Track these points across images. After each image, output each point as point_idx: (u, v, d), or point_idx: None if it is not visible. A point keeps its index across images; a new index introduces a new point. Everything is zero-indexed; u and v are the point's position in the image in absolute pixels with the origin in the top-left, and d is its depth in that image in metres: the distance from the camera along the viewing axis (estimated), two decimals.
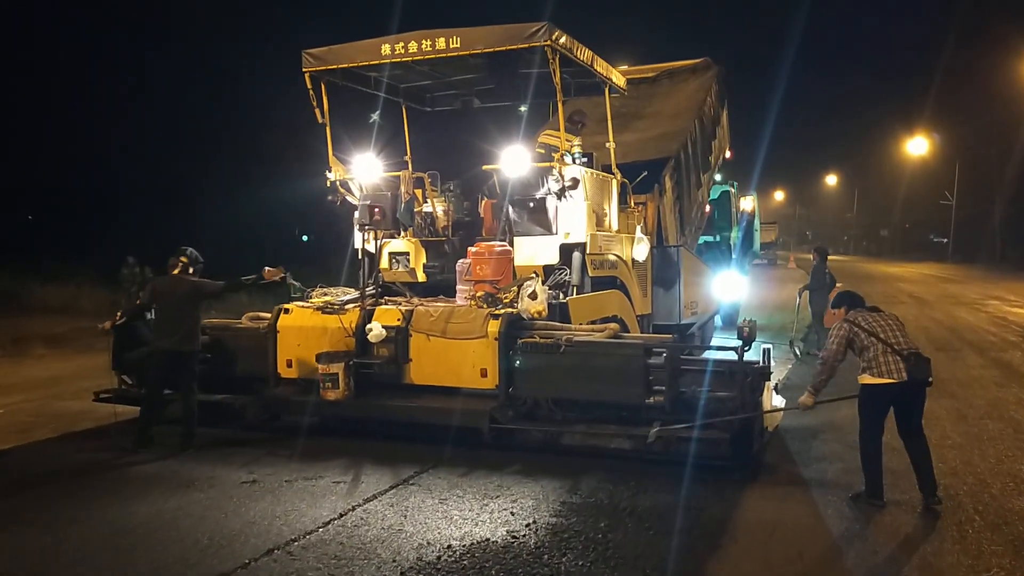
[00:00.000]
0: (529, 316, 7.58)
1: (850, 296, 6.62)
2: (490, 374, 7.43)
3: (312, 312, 8.21)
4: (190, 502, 6.03)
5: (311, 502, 6.01)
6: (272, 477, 6.62)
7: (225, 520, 5.64)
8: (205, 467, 6.90)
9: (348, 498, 6.09)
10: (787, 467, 6.96)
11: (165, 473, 6.77)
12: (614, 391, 7.11)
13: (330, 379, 7.53)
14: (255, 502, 6.00)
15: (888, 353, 5.93)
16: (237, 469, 6.82)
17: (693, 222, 13.35)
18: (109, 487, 6.43)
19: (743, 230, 20.04)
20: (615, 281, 9.56)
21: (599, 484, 6.40)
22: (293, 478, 6.59)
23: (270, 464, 6.99)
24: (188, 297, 7.66)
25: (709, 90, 14.34)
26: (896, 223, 75.37)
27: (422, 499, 6.07)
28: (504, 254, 8.27)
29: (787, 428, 7.91)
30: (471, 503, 5.98)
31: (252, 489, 6.32)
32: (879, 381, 5.93)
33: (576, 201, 8.65)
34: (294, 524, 5.55)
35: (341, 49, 8.85)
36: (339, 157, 9.34)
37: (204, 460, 7.13)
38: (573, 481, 6.47)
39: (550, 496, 6.12)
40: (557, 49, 8.13)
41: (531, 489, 6.27)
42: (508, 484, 6.40)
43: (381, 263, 9.50)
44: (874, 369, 5.95)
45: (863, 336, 6.06)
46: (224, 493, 6.23)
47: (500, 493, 6.20)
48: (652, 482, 6.44)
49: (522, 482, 6.45)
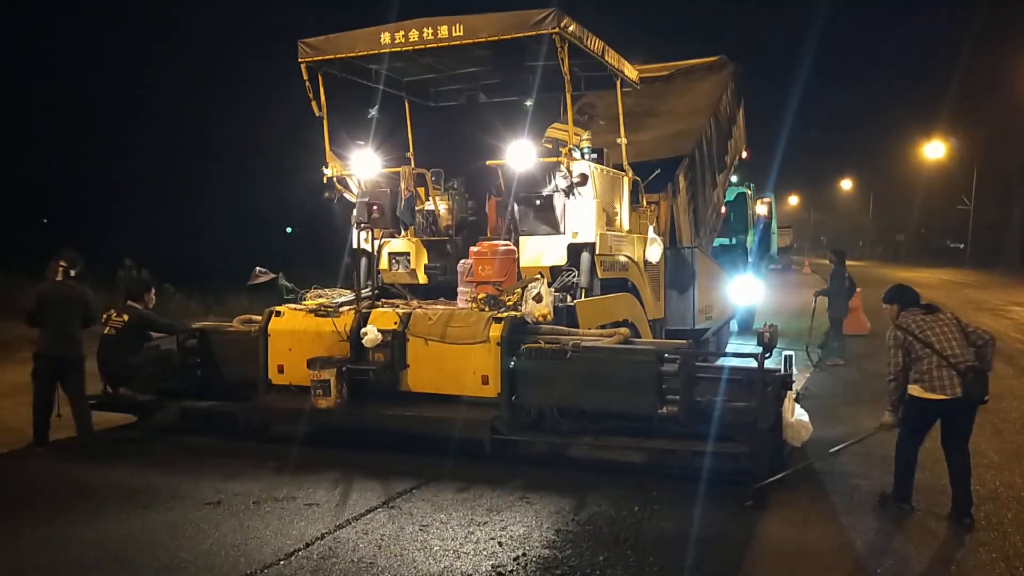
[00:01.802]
0: (533, 320, 7.12)
1: (902, 292, 6.08)
2: (492, 381, 6.96)
3: (305, 315, 7.77)
4: (144, 526, 5.47)
5: (277, 528, 5.43)
6: (240, 497, 6.04)
7: (177, 550, 5.04)
8: (173, 482, 6.39)
9: (320, 523, 5.51)
10: (809, 485, 6.44)
11: (127, 489, 6.25)
12: (624, 400, 6.63)
13: (321, 386, 7.09)
14: (215, 527, 5.43)
15: (943, 367, 5.46)
16: (205, 487, 6.28)
17: (708, 223, 12.86)
18: (64, 504, 5.93)
19: (760, 233, 19.52)
20: (626, 283, 9.09)
21: (601, 507, 5.82)
22: (263, 498, 6.02)
23: (244, 480, 6.46)
24: (74, 303, 7.59)
25: (725, 88, 13.87)
26: (912, 228, 74.48)
27: (402, 525, 5.47)
28: (508, 254, 7.81)
29: (808, 442, 7.37)
30: (455, 530, 5.38)
31: (215, 512, 5.73)
32: (930, 396, 5.50)
33: (585, 199, 8.19)
34: (253, 555, 4.95)
35: (339, 38, 8.42)
36: (337, 152, 8.91)
37: (176, 473, 6.66)
38: (574, 502, 5.92)
39: (544, 522, 5.52)
40: (566, 37, 7.68)
41: (524, 514, 5.69)
42: (500, 507, 5.82)
43: (380, 263, 9.06)
44: (926, 383, 5.52)
45: (917, 347, 5.59)
46: (184, 516, 5.66)
47: (489, 519, 5.60)
48: (661, 503, 5.89)
49: (515, 505, 5.86)
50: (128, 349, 8.17)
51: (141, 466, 6.88)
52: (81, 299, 7.65)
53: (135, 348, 8.25)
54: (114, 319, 8.24)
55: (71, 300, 7.60)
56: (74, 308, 7.59)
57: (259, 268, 8.42)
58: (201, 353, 8.44)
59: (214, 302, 16.75)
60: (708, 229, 12.97)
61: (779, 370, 6.64)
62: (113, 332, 8.17)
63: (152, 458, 7.13)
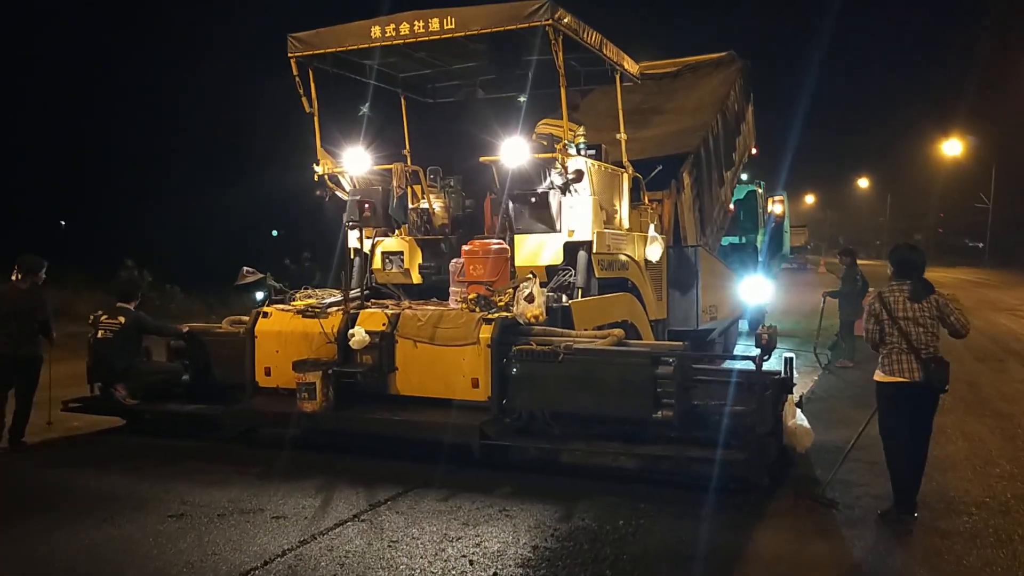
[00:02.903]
0: (525, 321, 6.88)
1: (905, 260, 5.77)
2: (482, 384, 6.74)
3: (292, 316, 7.57)
4: (99, 541, 5.13)
5: (238, 543, 5.07)
6: (205, 509, 5.69)
7: (127, 567, 4.75)
8: (142, 491, 6.11)
9: (284, 538, 5.15)
10: (811, 494, 6.18)
11: (93, 498, 5.98)
12: (618, 404, 6.40)
13: (307, 389, 6.88)
14: (173, 543, 5.08)
15: (905, 352, 5.48)
16: (173, 497, 5.95)
17: (715, 222, 12.59)
18: (22, 514, 5.66)
19: (771, 232, 19.19)
20: (626, 283, 8.84)
21: (584, 520, 5.44)
22: (230, 510, 5.66)
23: (214, 490, 6.14)
24: (29, 305, 7.54)
25: (733, 84, 13.61)
26: (930, 227, 73.74)
27: (370, 540, 5.09)
28: (500, 253, 7.56)
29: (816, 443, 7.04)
30: (426, 547, 5.01)
31: (176, 526, 5.39)
32: (890, 380, 5.54)
33: (581, 196, 7.96)
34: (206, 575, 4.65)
35: (329, 32, 8.24)
36: (328, 150, 8.71)
37: (147, 480, 6.41)
38: (557, 514, 5.55)
39: (522, 538, 5.13)
40: (560, 29, 7.45)
41: (502, 528, 5.31)
42: (478, 520, 5.45)
43: (374, 263, 8.85)
44: (886, 367, 5.57)
45: (887, 325, 5.56)
46: (143, 530, 5.32)
47: (464, 533, 5.22)
48: (650, 513, 5.55)
49: (493, 518, 5.49)
50: (124, 353, 8.01)
51: (115, 473, 6.68)
52: (37, 302, 7.58)
53: (131, 351, 8.10)
54: (105, 322, 8.07)
55: (26, 303, 7.53)
56: (26, 309, 7.51)
57: (246, 268, 8.23)
58: (190, 355, 8.29)
59: (217, 303, 16.58)
60: (715, 227, 12.70)
61: (779, 373, 6.39)
62: (110, 335, 8.01)
63: (131, 463, 6.92)
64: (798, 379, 8.49)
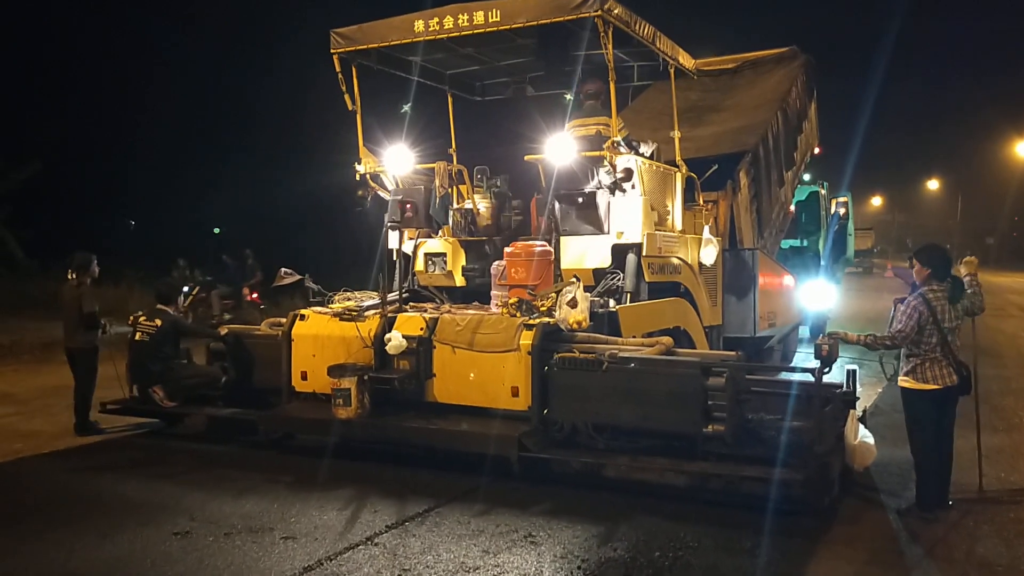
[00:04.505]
0: (568, 327, 6.55)
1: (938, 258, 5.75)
2: (522, 393, 6.43)
3: (329, 319, 7.35)
4: (95, 561, 4.88)
5: (237, 569, 4.73)
6: (213, 527, 5.38)
7: None
8: (154, 502, 5.90)
9: (287, 563, 4.78)
10: (873, 514, 5.72)
11: (103, 510, 5.76)
12: (665, 417, 6.03)
13: (341, 395, 6.65)
14: (171, 566, 4.79)
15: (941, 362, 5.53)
16: (183, 511, 5.67)
17: (774, 224, 12.05)
18: (28, 525, 5.48)
19: (834, 234, 18.44)
20: (678, 288, 8.44)
21: (618, 549, 4.98)
22: (238, 528, 5.35)
23: (232, 502, 5.88)
24: (75, 302, 8.12)
25: (795, 81, 13.02)
26: (1003, 231, 71.29)
27: (378, 569, 4.70)
28: (544, 255, 7.23)
29: (881, 463, 6.59)
30: None
31: (178, 545, 5.09)
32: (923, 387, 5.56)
33: (631, 196, 7.59)
34: None
35: (372, 27, 8.00)
36: (371, 148, 8.48)
37: (164, 489, 6.22)
38: (586, 543, 5.09)
39: (545, 569, 4.70)
40: (610, 21, 7.09)
41: (524, 558, 4.86)
42: (499, 548, 4.99)
43: (416, 264, 8.60)
44: (918, 375, 5.59)
45: (929, 329, 5.51)
46: (144, 549, 5.03)
47: (482, 563, 4.79)
48: (691, 543, 5.09)
49: (516, 546, 5.04)
50: (162, 355, 7.95)
51: (137, 479, 6.51)
52: (83, 296, 8.13)
53: (168, 354, 8.02)
54: (144, 324, 8.02)
55: (73, 298, 8.15)
56: (73, 306, 8.11)
57: (284, 269, 8.07)
58: (230, 358, 8.14)
59: (269, 303, 16.54)
60: (774, 230, 12.15)
61: (840, 386, 5.94)
62: (146, 338, 7.96)
63: (158, 469, 6.78)
64: (861, 392, 8.00)
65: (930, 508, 5.49)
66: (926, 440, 5.57)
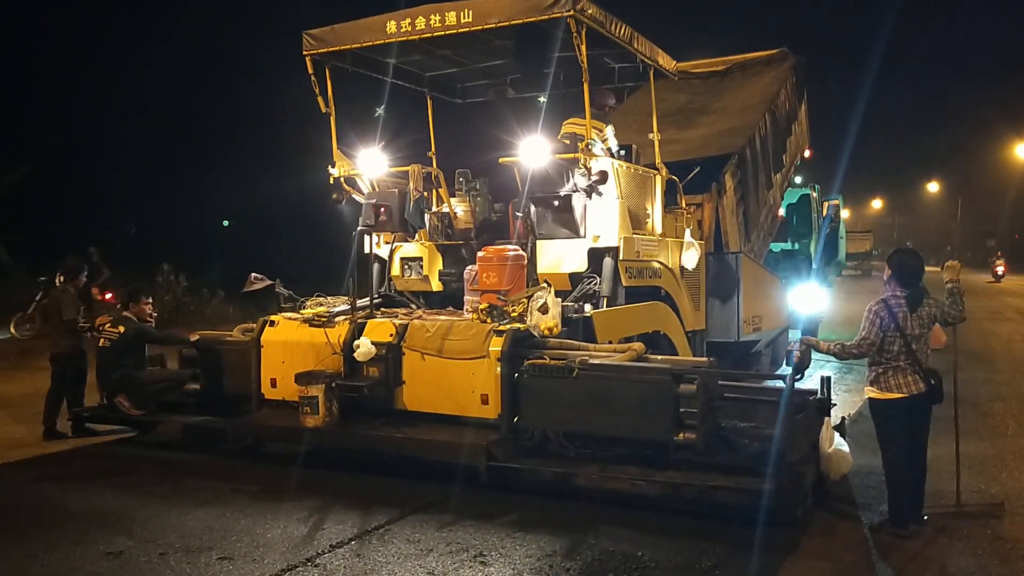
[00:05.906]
0: (540, 333, 6.41)
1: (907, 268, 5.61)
2: (492, 401, 6.30)
3: (299, 325, 7.22)
4: None
5: None
6: (150, 546, 5.11)
7: None
8: (99, 517, 5.66)
9: None
10: (848, 526, 5.57)
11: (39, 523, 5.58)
12: (636, 425, 5.87)
13: (309, 403, 6.52)
14: None
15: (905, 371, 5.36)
16: (122, 528, 5.42)
17: (762, 227, 11.90)
18: None
19: (825, 238, 18.32)
20: (659, 292, 8.30)
21: (574, 565, 4.78)
22: (175, 548, 5.09)
23: (180, 516, 5.65)
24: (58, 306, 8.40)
25: (784, 83, 12.87)
26: (1004, 233, 71.08)
27: None
28: (516, 259, 7.09)
29: (861, 471, 6.43)
30: None
31: (108, 566, 4.84)
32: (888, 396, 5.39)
33: (607, 199, 7.45)
34: None
35: (344, 28, 7.88)
36: (344, 151, 8.35)
37: (117, 500, 6.05)
38: (541, 560, 4.88)
39: None
40: (583, 21, 6.96)
41: None
42: (444, 570, 4.74)
43: (392, 269, 8.47)
44: (882, 383, 5.42)
45: (890, 337, 5.38)
46: (71, 571, 4.79)
47: None
48: (653, 555, 4.92)
49: (464, 566, 4.79)
50: (124, 362, 7.81)
51: (91, 491, 6.34)
52: (65, 303, 8.39)
53: (132, 362, 7.89)
54: (108, 331, 7.89)
55: (57, 303, 8.46)
56: (57, 311, 8.37)
57: (254, 275, 7.95)
58: (200, 364, 8.01)
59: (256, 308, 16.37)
60: (762, 233, 12.00)
61: (815, 393, 5.81)
62: (108, 344, 7.84)
63: (118, 479, 6.63)
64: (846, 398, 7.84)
65: (903, 524, 5.28)
66: (898, 453, 5.38)
